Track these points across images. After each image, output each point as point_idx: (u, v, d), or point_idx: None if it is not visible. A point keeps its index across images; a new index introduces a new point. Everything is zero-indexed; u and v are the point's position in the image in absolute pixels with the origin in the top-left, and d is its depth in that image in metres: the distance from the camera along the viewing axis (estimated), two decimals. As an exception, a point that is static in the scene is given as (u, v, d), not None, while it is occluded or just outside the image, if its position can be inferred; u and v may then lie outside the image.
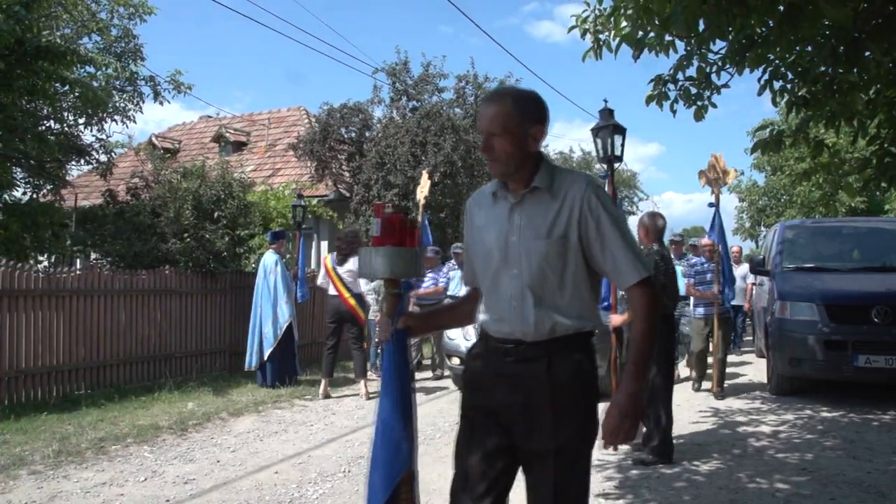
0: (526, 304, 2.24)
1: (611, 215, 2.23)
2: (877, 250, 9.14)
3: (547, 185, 2.26)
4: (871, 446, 5.93)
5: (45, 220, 10.12)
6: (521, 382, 2.24)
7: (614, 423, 2.17)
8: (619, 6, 4.72)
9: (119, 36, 13.52)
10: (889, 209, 21.17)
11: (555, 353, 2.23)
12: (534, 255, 2.23)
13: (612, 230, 2.21)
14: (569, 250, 2.22)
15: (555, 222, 2.22)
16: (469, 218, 2.47)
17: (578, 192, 2.23)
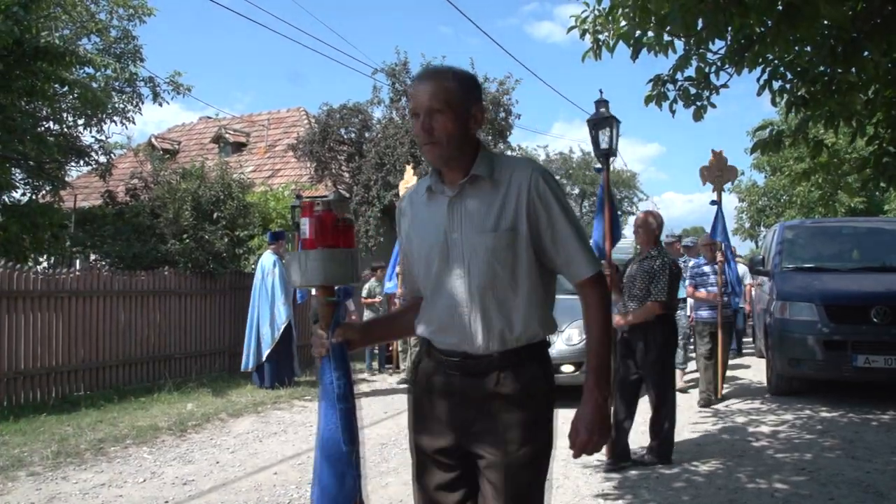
0: (472, 310, 2.01)
1: (561, 203, 2.02)
2: (876, 250, 9.14)
3: (488, 172, 2.02)
4: (870, 446, 5.92)
5: (44, 221, 10.12)
6: (468, 400, 2.03)
7: (583, 439, 2.00)
8: (616, 5, 4.72)
9: (118, 37, 13.54)
10: (889, 209, 21.18)
11: (505, 368, 2.00)
12: (480, 252, 1.99)
13: (563, 219, 2.00)
14: (518, 243, 1.99)
15: (501, 213, 1.99)
16: (401, 219, 2.24)
17: (524, 178, 2.00)
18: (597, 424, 2.01)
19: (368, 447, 6.08)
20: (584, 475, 5.15)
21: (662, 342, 5.31)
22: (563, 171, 26.15)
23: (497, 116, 15.59)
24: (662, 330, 5.32)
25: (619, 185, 27.89)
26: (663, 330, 5.32)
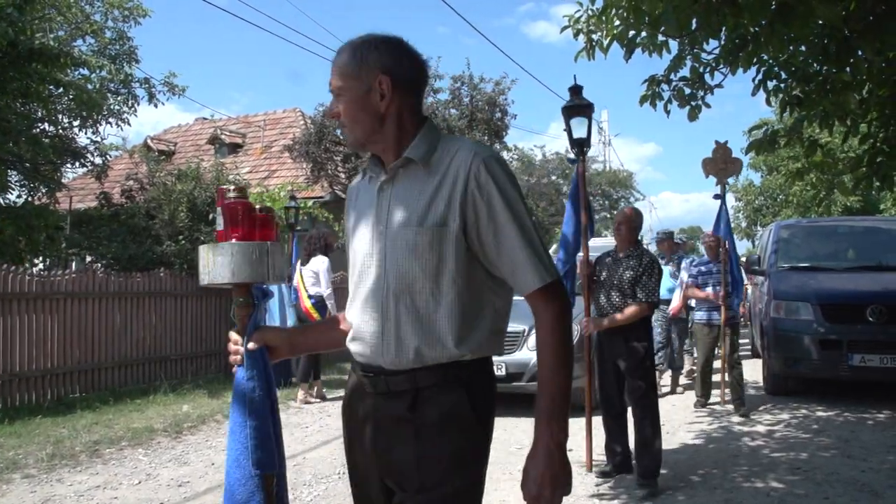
0: (385, 319, 1.68)
1: (506, 196, 1.64)
2: (872, 249, 9.15)
3: (423, 155, 1.70)
4: (865, 445, 5.93)
5: (39, 222, 10.10)
6: (383, 424, 1.72)
7: (531, 495, 1.62)
8: (610, 5, 4.72)
9: (113, 38, 13.54)
10: (885, 208, 21.22)
11: (423, 390, 1.66)
12: (400, 250, 1.66)
13: (507, 216, 1.63)
14: (446, 243, 1.64)
15: (430, 205, 1.66)
16: (349, 211, 1.92)
17: (464, 163, 1.65)
18: (548, 477, 1.61)
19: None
20: (580, 475, 5.15)
21: (646, 346, 4.89)
22: (559, 170, 26.10)
23: (493, 117, 15.59)
24: (644, 334, 4.91)
25: (615, 184, 27.87)
26: (645, 334, 4.92)
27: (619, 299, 4.88)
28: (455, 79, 15.58)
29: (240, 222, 1.92)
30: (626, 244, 5.01)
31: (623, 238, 5.02)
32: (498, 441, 6.06)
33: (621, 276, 4.88)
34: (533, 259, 1.63)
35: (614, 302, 4.90)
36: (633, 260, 4.89)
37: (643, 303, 4.80)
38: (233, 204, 1.93)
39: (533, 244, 1.65)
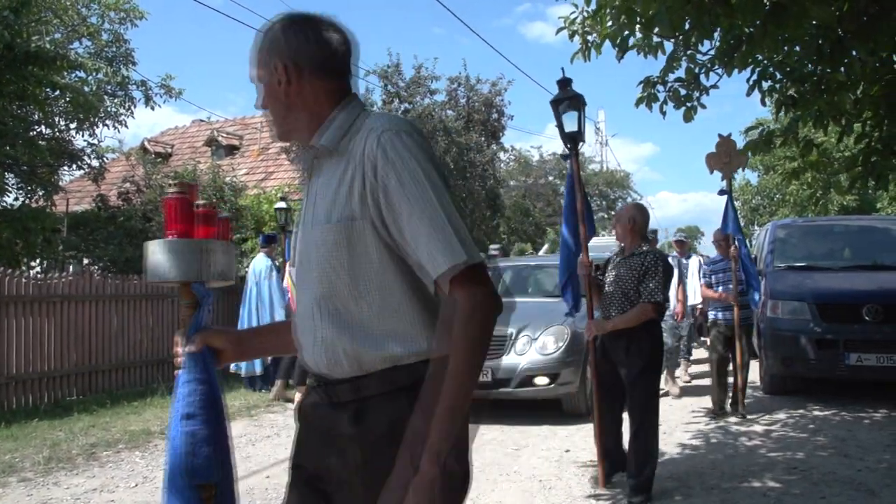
0: (315, 324, 1.53)
1: (403, 171, 1.41)
2: (868, 249, 9.16)
3: (331, 142, 1.53)
4: (862, 444, 5.94)
5: (36, 225, 10.11)
6: (328, 438, 1.55)
7: None
8: (603, 6, 4.74)
9: (110, 40, 13.53)
10: (881, 207, 21.25)
11: (367, 398, 1.49)
12: (316, 250, 1.51)
13: (403, 193, 1.40)
14: (356, 238, 1.46)
15: (335, 198, 1.49)
16: None
17: (361, 144, 1.47)
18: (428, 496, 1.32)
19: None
20: (577, 476, 5.16)
21: (649, 352, 4.54)
22: (556, 171, 26.13)
23: (490, 117, 15.62)
24: (650, 338, 4.57)
25: (612, 185, 27.91)
26: (651, 338, 4.57)
27: (623, 301, 4.61)
28: (452, 80, 15.62)
29: (177, 219, 1.82)
30: (630, 242, 4.71)
31: (626, 237, 4.73)
32: (495, 441, 6.09)
33: (625, 276, 4.62)
34: (438, 237, 1.38)
35: (618, 304, 4.64)
36: (637, 259, 4.61)
37: (647, 304, 4.48)
38: (171, 200, 1.85)
39: (437, 220, 1.39)
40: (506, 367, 6.88)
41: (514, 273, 9.37)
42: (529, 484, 4.98)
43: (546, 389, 6.87)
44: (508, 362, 6.89)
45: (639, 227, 4.68)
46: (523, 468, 5.38)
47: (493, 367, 6.75)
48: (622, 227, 4.70)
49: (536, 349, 6.91)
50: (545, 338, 6.98)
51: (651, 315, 4.51)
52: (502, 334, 6.87)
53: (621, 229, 4.71)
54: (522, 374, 6.83)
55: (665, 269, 4.54)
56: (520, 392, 6.84)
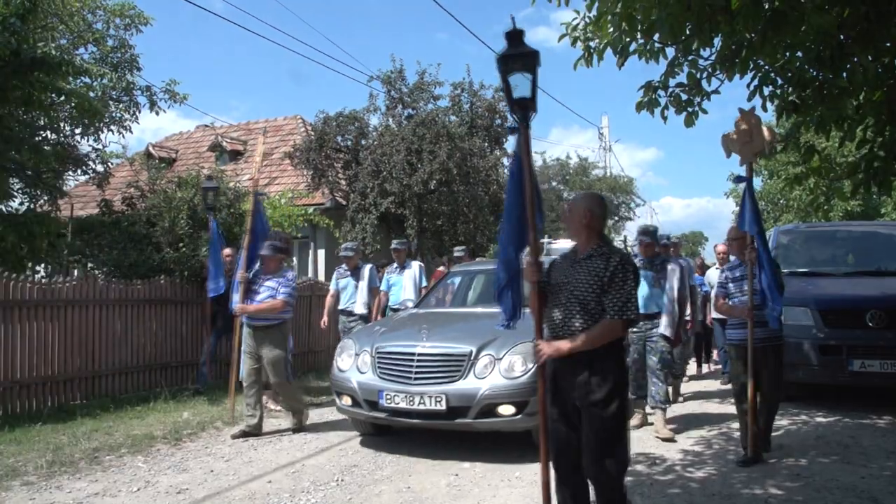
0: None
1: None
2: (871, 254, 9.15)
3: None
4: (865, 451, 5.92)
5: (41, 230, 10.12)
6: None
7: None
8: (604, 13, 4.75)
9: (115, 46, 13.59)
10: (885, 213, 21.19)
11: None
12: None
13: None
14: None
15: None
16: None
17: None
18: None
19: (352, 459, 6.09)
20: (578, 481, 5.16)
21: (616, 380, 3.58)
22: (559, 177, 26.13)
23: (493, 123, 15.64)
24: (616, 361, 3.64)
25: (616, 190, 27.88)
26: (616, 361, 3.65)
27: (580, 315, 3.59)
28: (455, 86, 15.63)
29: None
30: (585, 240, 3.74)
31: (579, 232, 3.77)
32: (496, 446, 6.08)
33: (583, 283, 3.61)
34: None
35: (574, 319, 3.60)
36: (597, 262, 3.62)
37: (614, 320, 3.52)
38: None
39: None
40: (462, 394, 5.70)
41: (475, 279, 8.23)
42: (531, 489, 4.98)
43: (512, 421, 5.67)
44: (466, 388, 5.71)
45: (596, 221, 3.75)
46: (525, 474, 5.37)
47: (446, 394, 5.68)
48: (575, 222, 3.75)
49: (501, 371, 5.72)
50: (512, 357, 5.77)
51: (618, 334, 3.60)
52: (459, 353, 5.88)
53: (574, 224, 3.75)
54: (483, 402, 5.63)
55: (635, 275, 3.63)
56: (480, 424, 5.70)
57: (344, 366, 6.40)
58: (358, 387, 6.12)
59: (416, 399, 5.77)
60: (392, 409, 5.89)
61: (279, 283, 6.80)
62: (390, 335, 6.46)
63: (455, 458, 5.82)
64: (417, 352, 5.98)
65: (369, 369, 6.17)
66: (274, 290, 6.76)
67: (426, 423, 5.91)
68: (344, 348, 6.62)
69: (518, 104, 3.83)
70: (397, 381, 5.94)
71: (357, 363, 6.30)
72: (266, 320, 6.78)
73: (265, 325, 6.79)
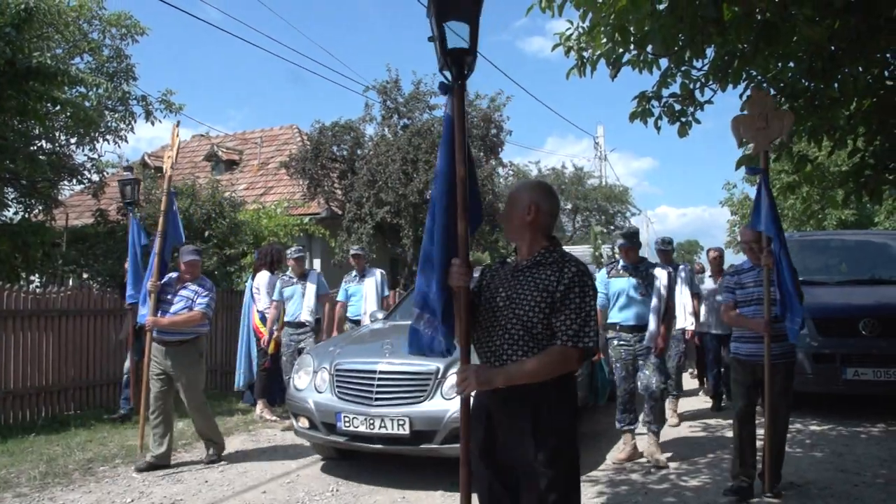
0: None
1: None
2: (865, 263, 9.18)
3: None
4: (859, 459, 5.93)
5: (35, 239, 10.13)
6: None
7: None
8: (597, 24, 4.79)
9: (111, 56, 13.63)
10: (878, 221, 21.29)
11: None
12: None
13: None
14: None
15: None
16: None
17: None
18: None
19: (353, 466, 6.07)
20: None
21: (568, 426, 2.70)
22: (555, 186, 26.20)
23: (488, 133, 15.68)
24: (568, 402, 2.74)
25: (611, 199, 27.95)
26: (569, 401, 2.74)
27: (522, 341, 2.68)
28: (450, 95, 15.67)
29: None
30: (529, 244, 2.83)
31: (521, 232, 2.84)
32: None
33: (525, 298, 2.70)
34: None
35: (514, 345, 2.69)
36: (546, 271, 2.72)
37: (567, 347, 2.61)
38: None
39: None
40: (428, 417, 5.20)
41: None
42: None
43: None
44: (432, 409, 5.23)
45: (544, 217, 2.83)
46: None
47: (410, 416, 5.20)
48: (516, 219, 2.84)
49: (444, 392, 5.29)
50: None
51: (571, 366, 2.70)
52: (425, 371, 5.31)
53: (515, 222, 2.85)
54: (452, 426, 5.02)
55: (594, 290, 2.73)
56: (447, 450, 5.09)
57: (300, 384, 5.87)
58: (314, 408, 5.57)
59: (376, 422, 5.21)
60: (351, 433, 5.34)
61: (196, 292, 5.99)
62: (350, 351, 5.97)
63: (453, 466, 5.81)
64: (379, 369, 5.41)
65: (327, 389, 5.62)
66: (190, 301, 5.96)
67: (388, 448, 5.32)
68: (301, 365, 6.06)
69: (452, 57, 2.89)
70: (357, 402, 5.38)
71: (315, 382, 5.74)
72: (180, 335, 5.95)
73: (179, 341, 5.96)
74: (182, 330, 5.94)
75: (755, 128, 4.99)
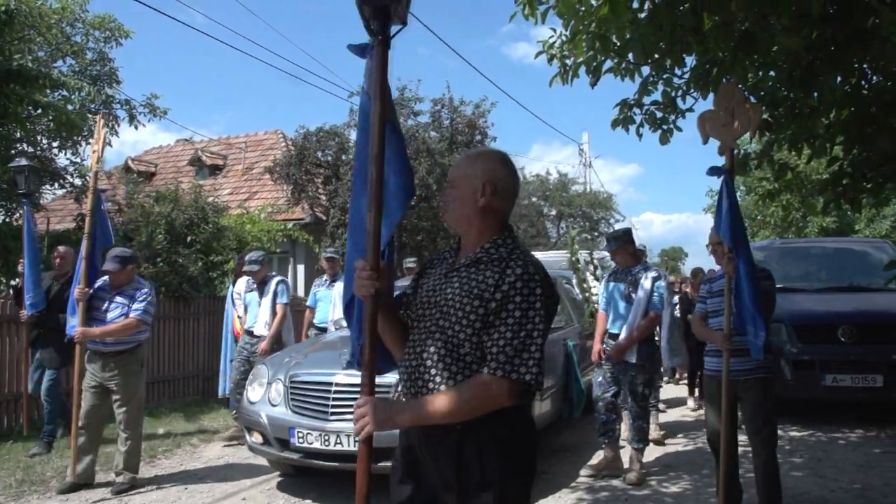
0: None
1: None
2: (844, 270, 9.28)
3: None
4: (837, 465, 5.99)
5: (16, 244, 10.02)
6: None
7: None
8: (577, 32, 4.82)
9: (94, 59, 13.53)
10: (859, 229, 21.52)
11: None
12: None
13: None
14: None
15: None
16: None
17: None
18: None
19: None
20: (554, 498, 5.17)
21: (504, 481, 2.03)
22: (539, 192, 26.29)
23: (473, 139, 15.73)
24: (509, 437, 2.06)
25: (595, 206, 28.05)
26: (509, 437, 2.06)
27: (443, 362, 2.07)
28: (435, 102, 15.73)
29: None
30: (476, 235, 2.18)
31: (460, 217, 2.20)
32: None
33: (454, 306, 2.08)
34: None
35: (432, 368, 2.09)
36: (485, 271, 2.08)
37: (496, 378, 1.97)
38: None
39: None
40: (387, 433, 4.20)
41: None
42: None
43: None
44: None
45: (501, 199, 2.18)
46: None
47: None
48: (464, 201, 2.17)
49: None
50: None
51: (503, 403, 1.99)
52: (384, 383, 4.53)
53: (461, 204, 2.18)
54: None
55: (547, 300, 2.02)
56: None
57: (254, 397, 5.51)
58: (268, 422, 5.21)
59: (332, 438, 4.88)
60: (305, 450, 5.02)
61: (132, 297, 5.52)
62: (307, 361, 5.60)
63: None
64: (335, 381, 5.05)
65: (282, 402, 5.28)
66: (126, 307, 5.48)
67: (345, 466, 4.81)
68: (256, 376, 5.70)
69: (374, 8, 2.25)
70: (312, 416, 5.05)
71: (269, 394, 5.40)
72: (118, 344, 5.47)
73: (117, 351, 5.48)
74: (120, 339, 5.45)
75: (721, 123, 4.50)
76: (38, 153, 12.32)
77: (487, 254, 2.10)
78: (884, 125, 5.01)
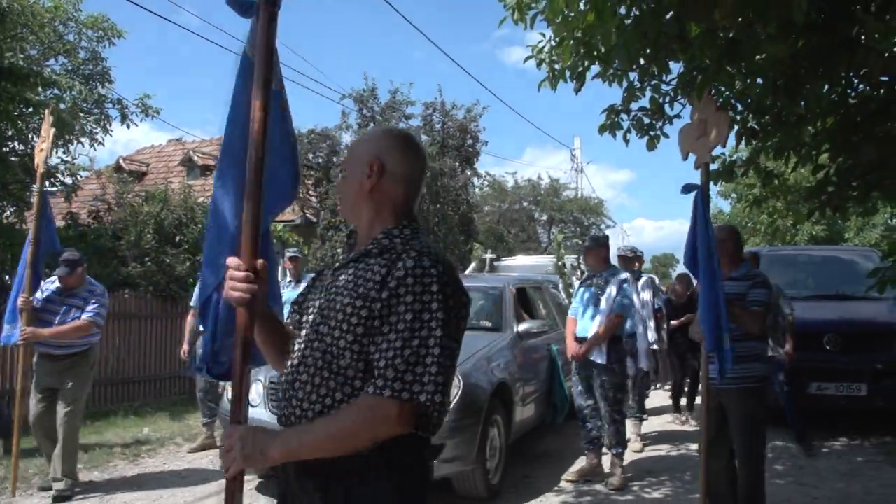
0: None
1: None
2: (831, 279, 9.31)
3: None
4: (819, 473, 6.01)
5: (5, 242, 9.99)
6: None
7: None
8: (563, 39, 4.84)
9: (87, 58, 13.49)
10: (848, 238, 21.63)
11: None
12: None
13: None
14: None
15: None
16: None
17: None
18: None
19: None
20: (537, 502, 5.17)
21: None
22: (531, 197, 26.30)
23: (464, 143, 15.76)
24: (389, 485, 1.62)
25: (586, 211, 28.06)
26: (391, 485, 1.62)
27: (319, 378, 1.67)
28: (427, 105, 15.75)
29: None
30: (368, 225, 1.83)
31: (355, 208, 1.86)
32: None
33: (334, 309, 1.69)
34: None
35: (306, 385, 1.70)
36: (373, 265, 1.70)
37: (380, 398, 1.54)
38: None
39: None
40: None
41: None
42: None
43: None
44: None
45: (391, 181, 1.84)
46: None
47: None
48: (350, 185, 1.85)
49: None
50: None
51: (394, 431, 1.57)
52: None
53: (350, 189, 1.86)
54: None
55: (447, 299, 1.61)
56: None
57: None
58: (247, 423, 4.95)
59: None
60: None
61: (84, 299, 5.43)
62: None
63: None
64: None
65: (261, 402, 5.14)
66: (79, 311, 5.39)
67: None
68: None
69: None
70: None
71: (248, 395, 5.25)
72: (70, 347, 5.38)
73: (68, 354, 5.38)
74: (73, 342, 5.36)
75: (697, 135, 4.27)
76: (29, 151, 12.27)
77: (379, 245, 1.73)
78: (869, 133, 5.04)
